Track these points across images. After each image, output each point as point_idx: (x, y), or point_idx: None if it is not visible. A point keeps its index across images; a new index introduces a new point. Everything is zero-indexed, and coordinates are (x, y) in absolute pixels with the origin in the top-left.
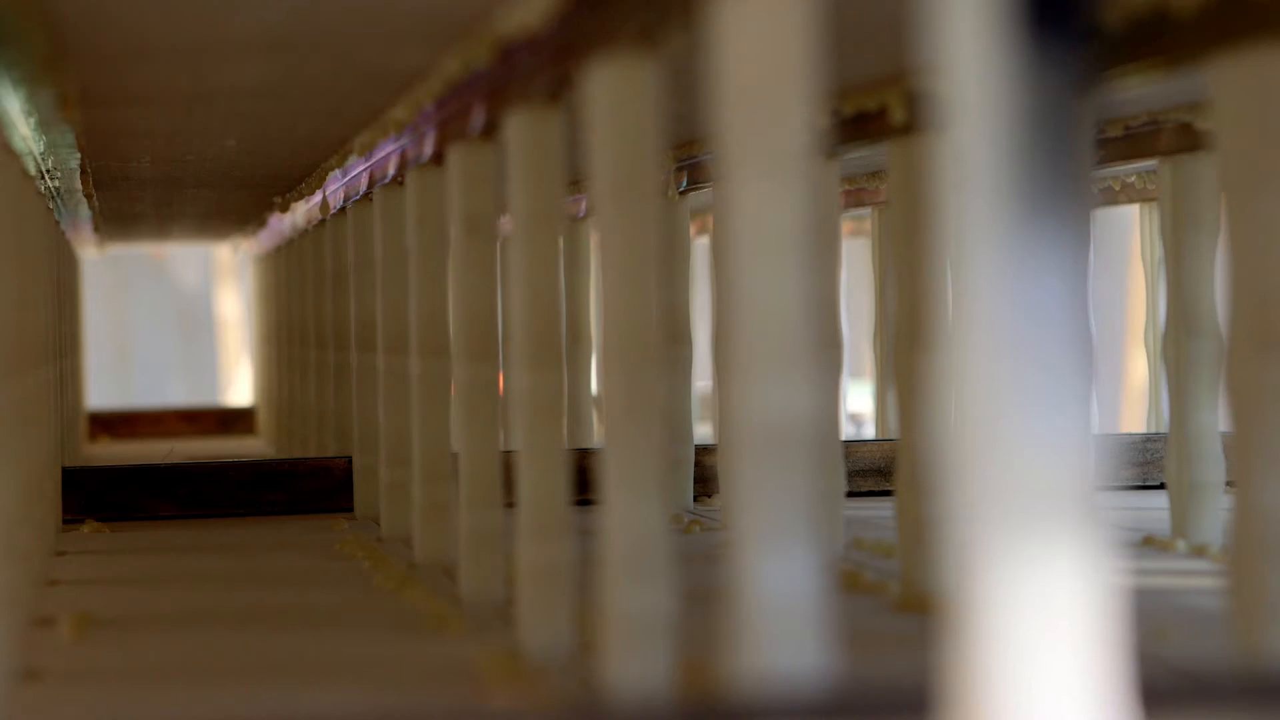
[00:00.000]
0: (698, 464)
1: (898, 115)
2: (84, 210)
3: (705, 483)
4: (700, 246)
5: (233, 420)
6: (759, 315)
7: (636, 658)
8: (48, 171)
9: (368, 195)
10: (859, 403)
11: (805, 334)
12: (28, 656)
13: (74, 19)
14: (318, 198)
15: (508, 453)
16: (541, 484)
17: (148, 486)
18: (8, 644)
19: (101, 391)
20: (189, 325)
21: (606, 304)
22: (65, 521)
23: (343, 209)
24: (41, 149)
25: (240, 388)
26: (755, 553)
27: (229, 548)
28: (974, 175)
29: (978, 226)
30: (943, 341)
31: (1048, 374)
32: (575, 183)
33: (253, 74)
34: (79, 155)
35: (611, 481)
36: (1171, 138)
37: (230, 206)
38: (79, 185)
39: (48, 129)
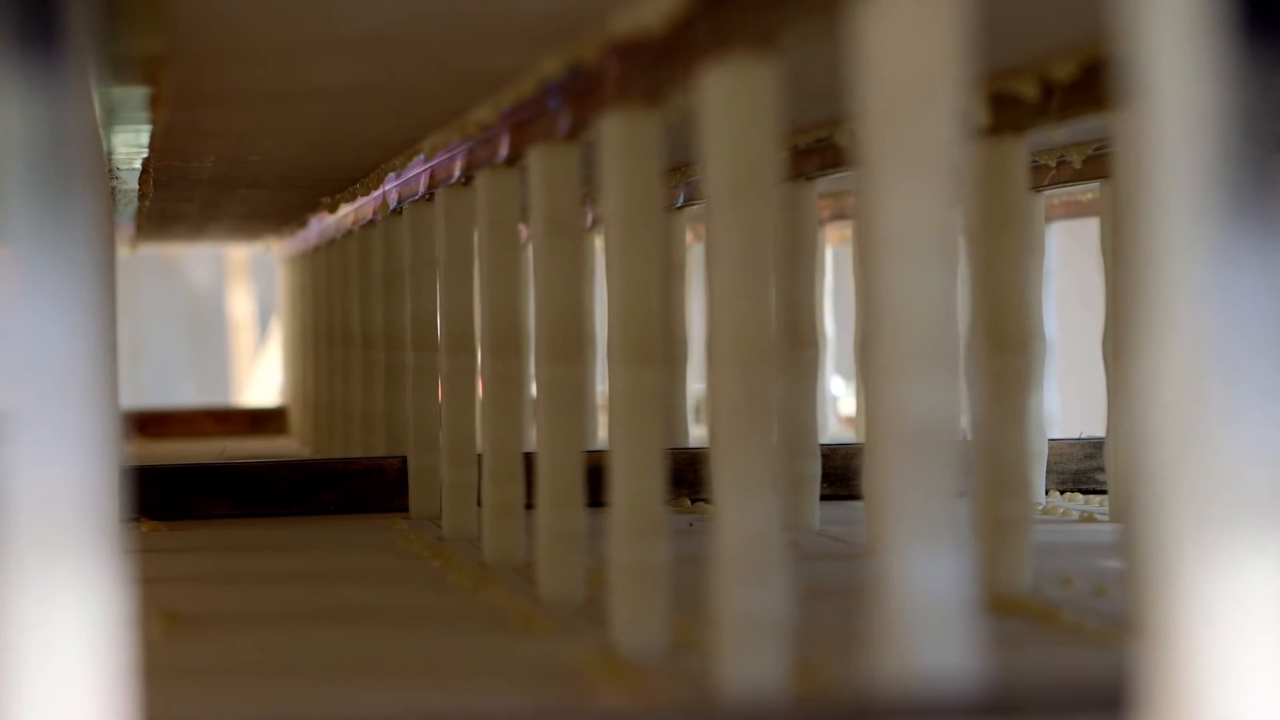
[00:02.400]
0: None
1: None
2: (129, 210)
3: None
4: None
5: (264, 420)
6: (904, 315)
7: (751, 657)
8: (111, 171)
9: (428, 196)
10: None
11: (950, 334)
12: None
13: (185, 19)
14: (371, 198)
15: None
16: (636, 483)
17: (203, 486)
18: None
19: None
20: (199, 325)
21: (719, 307)
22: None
23: (398, 209)
24: (110, 148)
25: (258, 388)
26: (901, 552)
27: (292, 547)
28: (1176, 176)
29: (1179, 228)
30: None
31: (1249, 376)
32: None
33: (344, 74)
34: (146, 155)
35: (724, 482)
36: None
37: (276, 207)
38: (137, 185)
39: (125, 129)
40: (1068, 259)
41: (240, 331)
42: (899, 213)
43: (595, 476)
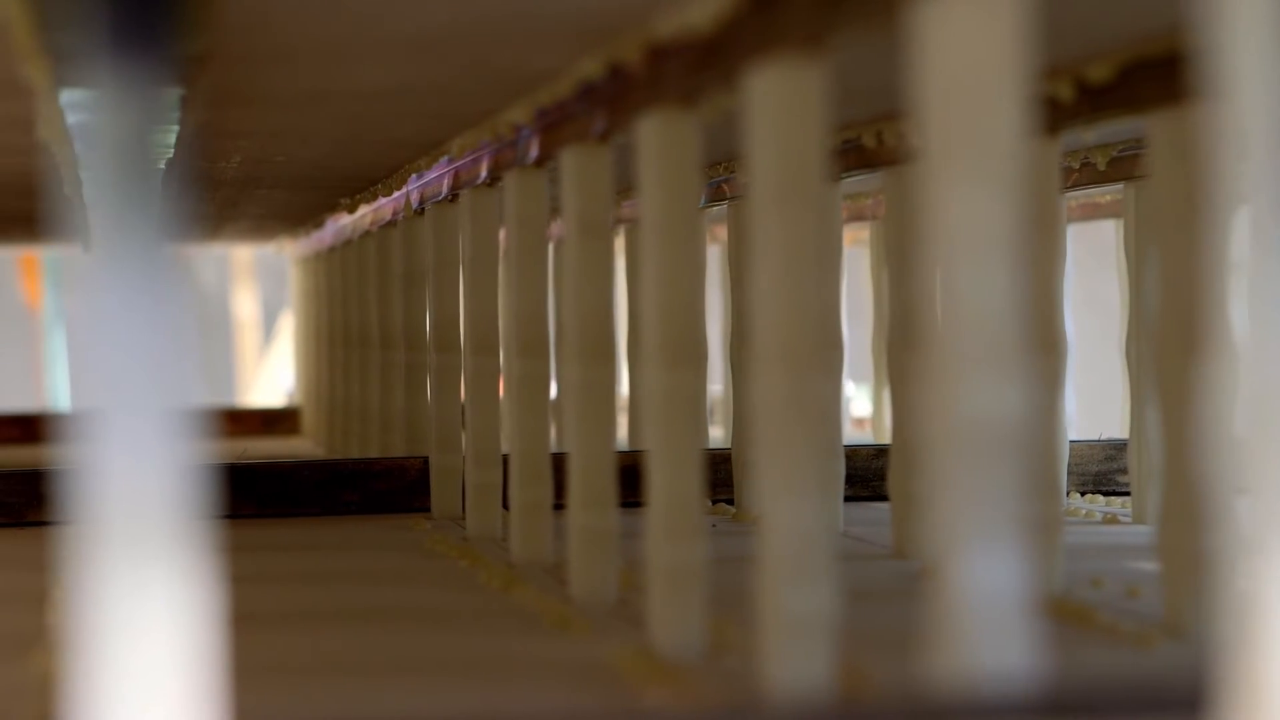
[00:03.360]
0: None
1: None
2: None
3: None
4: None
5: (276, 420)
6: (968, 316)
7: (797, 658)
8: None
9: (451, 197)
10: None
11: (1015, 334)
12: None
13: (230, 20)
14: (392, 198)
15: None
16: (674, 484)
17: (226, 485)
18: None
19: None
20: (204, 326)
21: (764, 308)
22: None
23: (420, 210)
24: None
25: (264, 388)
26: (961, 553)
27: (318, 546)
28: (1255, 173)
29: (1258, 225)
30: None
31: None
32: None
33: (381, 75)
34: (171, 155)
35: (770, 483)
36: None
37: (293, 207)
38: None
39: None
40: (1070, 260)
41: (245, 332)
42: (961, 213)
43: (619, 477)
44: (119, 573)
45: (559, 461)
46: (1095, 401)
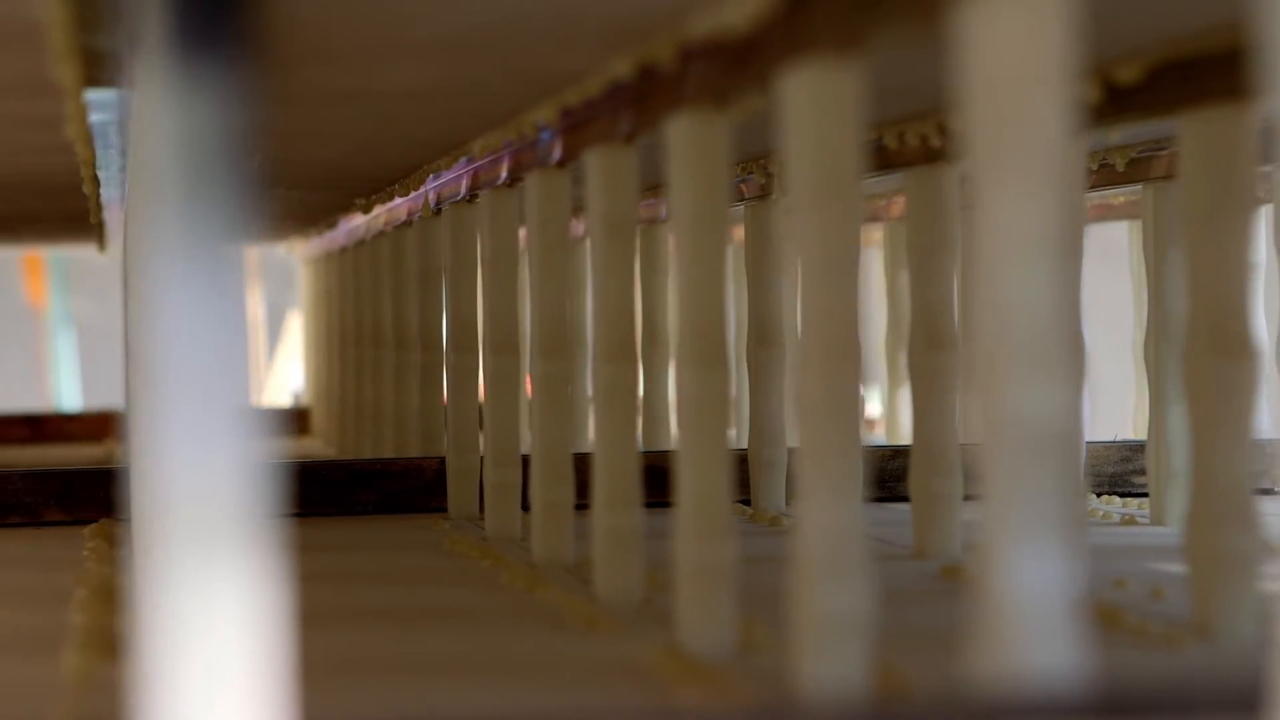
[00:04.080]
0: (789, 467)
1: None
2: None
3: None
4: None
5: (284, 420)
6: (1015, 319)
7: (834, 657)
8: None
9: (470, 197)
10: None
11: (1060, 335)
12: None
13: (263, 22)
14: (409, 199)
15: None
16: (704, 483)
17: None
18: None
19: (118, 392)
20: None
21: (805, 307)
22: None
23: (437, 210)
24: None
25: (269, 389)
26: (1011, 552)
27: (337, 546)
28: None
29: None
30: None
31: None
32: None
33: (412, 75)
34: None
35: (808, 481)
36: None
37: (306, 208)
38: None
39: None
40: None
41: (250, 332)
42: (1007, 215)
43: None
44: (187, 571)
45: (578, 461)
46: (1099, 402)
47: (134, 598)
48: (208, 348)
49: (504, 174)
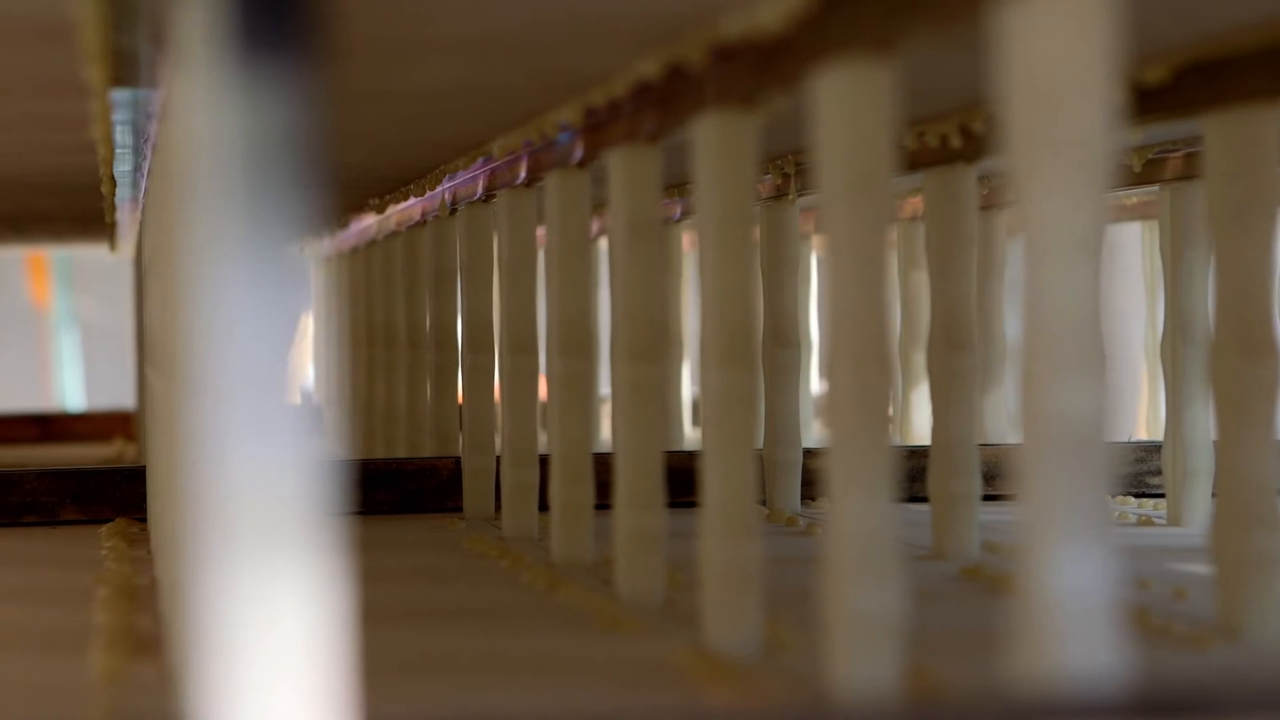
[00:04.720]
0: (804, 468)
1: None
2: None
3: (809, 485)
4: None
5: None
6: (1056, 319)
7: (866, 658)
8: None
9: (486, 197)
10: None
11: (1099, 334)
12: None
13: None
14: (424, 199)
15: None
16: (730, 483)
17: None
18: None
19: (123, 392)
20: None
21: (834, 308)
22: None
23: (452, 210)
24: None
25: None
26: (1051, 551)
27: (355, 545)
28: None
29: None
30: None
31: None
32: (673, 188)
33: (438, 76)
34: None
35: (840, 481)
36: None
37: (322, 208)
38: None
39: None
40: None
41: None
42: (1051, 212)
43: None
44: (246, 570)
45: (598, 461)
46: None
47: (163, 597)
48: (270, 347)
49: (522, 174)
